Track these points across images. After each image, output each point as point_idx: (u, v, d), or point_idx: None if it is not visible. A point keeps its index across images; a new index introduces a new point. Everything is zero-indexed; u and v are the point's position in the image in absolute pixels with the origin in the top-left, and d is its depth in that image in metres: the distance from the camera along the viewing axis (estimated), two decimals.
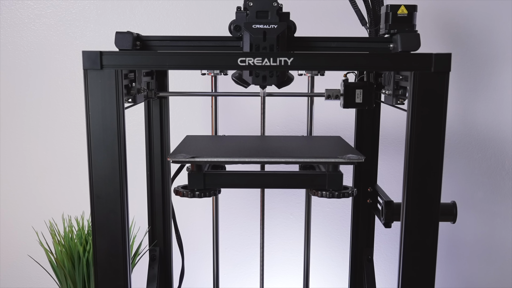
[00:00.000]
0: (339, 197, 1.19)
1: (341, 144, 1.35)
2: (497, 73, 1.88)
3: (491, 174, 1.94)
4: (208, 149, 1.26)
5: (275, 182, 1.22)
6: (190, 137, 1.47)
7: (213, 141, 1.39)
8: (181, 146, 1.31)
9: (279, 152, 1.23)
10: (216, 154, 1.18)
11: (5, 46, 1.85)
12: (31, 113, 1.89)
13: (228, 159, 1.16)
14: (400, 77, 1.29)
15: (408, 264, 1.11)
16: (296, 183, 1.22)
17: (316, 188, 1.20)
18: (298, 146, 1.33)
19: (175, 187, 1.22)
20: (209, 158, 1.15)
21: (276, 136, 1.49)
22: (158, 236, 1.59)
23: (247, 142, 1.37)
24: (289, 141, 1.40)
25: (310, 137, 1.52)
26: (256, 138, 1.44)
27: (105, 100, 1.06)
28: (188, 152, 1.19)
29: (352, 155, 1.17)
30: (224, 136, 1.49)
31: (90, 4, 1.83)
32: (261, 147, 1.32)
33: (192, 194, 1.17)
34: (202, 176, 1.17)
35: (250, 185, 1.24)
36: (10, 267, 1.98)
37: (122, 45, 1.25)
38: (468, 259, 2.00)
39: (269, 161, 1.17)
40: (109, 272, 1.10)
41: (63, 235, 1.49)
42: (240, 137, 1.48)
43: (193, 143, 1.36)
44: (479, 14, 1.85)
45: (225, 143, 1.36)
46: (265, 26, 1.22)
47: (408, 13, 1.26)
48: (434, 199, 1.09)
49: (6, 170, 1.92)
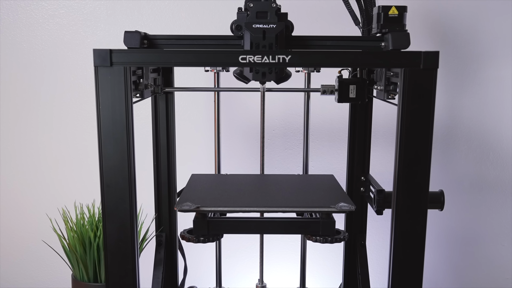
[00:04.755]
0: (331, 243, 1.21)
1: (334, 187, 1.36)
2: (482, 70, 1.88)
3: (476, 164, 1.94)
4: (211, 195, 1.27)
5: (273, 228, 1.24)
6: (195, 176, 1.48)
7: (216, 182, 1.41)
8: (187, 190, 1.32)
9: (277, 199, 1.25)
10: (219, 202, 1.20)
11: (21, 44, 1.85)
12: (45, 107, 1.89)
13: (230, 208, 1.18)
14: (391, 73, 1.29)
15: (399, 248, 1.11)
16: (293, 230, 1.24)
17: (310, 234, 1.22)
18: (294, 189, 1.35)
19: (182, 232, 1.24)
20: (212, 208, 1.17)
21: (274, 175, 1.51)
22: (164, 222, 1.59)
23: (248, 185, 1.38)
24: (286, 182, 1.41)
25: (305, 176, 1.52)
26: (256, 179, 1.46)
27: (114, 95, 1.06)
28: (193, 199, 1.20)
29: (344, 204, 1.18)
30: (227, 176, 1.50)
31: (100, 5, 1.83)
32: (261, 191, 1.34)
33: (197, 240, 1.19)
34: (206, 223, 1.19)
35: (250, 231, 1.26)
36: (26, 252, 1.99)
37: (131, 43, 1.25)
38: (455, 244, 2.00)
39: (268, 210, 1.19)
40: (118, 256, 1.10)
41: (75, 222, 1.50)
42: (241, 176, 1.49)
43: (198, 185, 1.37)
44: (465, 15, 1.85)
45: (227, 186, 1.37)
46: (265, 26, 1.22)
47: (399, 14, 1.26)
48: (423, 188, 1.10)
49: (22, 161, 1.92)
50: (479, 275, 2.03)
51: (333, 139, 1.92)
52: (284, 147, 1.93)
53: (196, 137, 1.91)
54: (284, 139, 1.92)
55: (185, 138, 1.88)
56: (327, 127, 1.91)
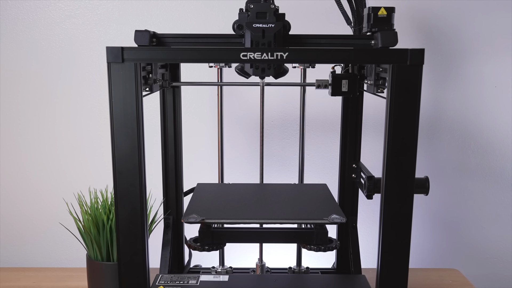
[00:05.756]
0: (324, 251, 1.23)
1: (327, 198, 1.37)
2: (464, 66, 1.88)
3: (459, 153, 1.94)
4: (215, 207, 1.28)
5: (272, 238, 1.25)
6: (200, 186, 1.49)
7: (219, 193, 1.41)
8: (193, 201, 1.33)
9: (275, 211, 1.26)
10: (222, 214, 1.21)
11: (40, 42, 1.85)
12: (62, 100, 1.89)
13: (232, 221, 1.19)
14: (380, 69, 1.28)
15: (387, 230, 1.11)
16: (289, 239, 1.25)
17: (306, 243, 1.23)
18: (290, 200, 1.36)
19: (188, 241, 1.25)
20: (215, 220, 1.18)
21: (272, 185, 1.51)
22: (171, 206, 1.59)
23: (248, 196, 1.39)
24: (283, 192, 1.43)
25: (301, 186, 1.53)
26: (256, 188, 1.47)
27: (126, 89, 1.05)
28: (199, 211, 1.21)
29: (336, 216, 1.18)
30: (229, 185, 1.51)
31: (112, 6, 1.83)
32: (260, 202, 1.35)
33: (202, 248, 1.22)
34: (211, 234, 1.20)
35: (251, 240, 1.27)
36: (44, 233, 1.99)
37: (141, 41, 1.24)
38: (439, 226, 2.00)
39: (267, 222, 1.20)
40: (129, 237, 1.10)
41: (90, 206, 1.50)
42: (242, 186, 1.49)
43: (203, 196, 1.38)
44: (449, 15, 1.84)
45: (230, 196, 1.38)
46: (264, 25, 1.22)
47: (387, 14, 1.26)
48: (409, 174, 1.10)
49: (40, 150, 1.92)
50: (461, 255, 2.03)
51: (327, 129, 1.91)
52: (282, 136, 1.93)
53: (200, 128, 1.91)
54: (281, 129, 1.92)
55: (190, 128, 1.88)
56: (321, 119, 1.90)
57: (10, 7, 1.83)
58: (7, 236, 2.00)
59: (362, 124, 1.54)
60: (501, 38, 1.86)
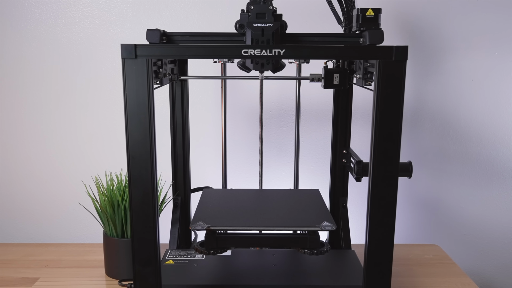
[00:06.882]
0: (317, 255, 1.22)
1: (319, 205, 1.37)
2: (443, 62, 1.87)
3: (439, 140, 1.95)
4: (219, 214, 1.29)
5: (270, 242, 1.25)
6: (206, 192, 1.49)
7: (223, 200, 1.42)
8: (199, 208, 1.33)
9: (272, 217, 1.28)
10: (225, 221, 1.23)
11: (61, 40, 1.85)
12: (81, 93, 1.89)
13: (235, 227, 1.21)
14: (368, 64, 1.28)
15: (374, 209, 1.11)
16: (285, 244, 1.25)
17: (300, 247, 1.23)
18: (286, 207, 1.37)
19: (195, 245, 1.25)
20: (220, 227, 1.20)
21: (270, 190, 1.52)
22: (179, 188, 1.59)
23: (249, 203, 1.40)
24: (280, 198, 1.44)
25: (295, 191, 1.53)
26: (256, 194, 1.47)
27: (138, 82, 1.05)
28: (205, 218, 1.22)
29: (327, 224, 1.20)
30: (232, 191, 1.51)
31: (127, 7, 1.82)
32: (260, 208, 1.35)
33: (208, 252, 1.22)
34: (215, 239, 1.21)
35: (251, 244, 1.27)
36: (65, 213, 2.00)
37: (152, 39, 1.24)
38: (421, 206, 2.01)
39: (265, 228, 1.22)
40: (142, 216, 1.10)
41: (106, 187, 1.50)
42: (244, 192, 1.50)
43: (208, 202, 1.39)
44: (430, 15, 1.84)
45: (233, 203, 1.38)
46: (263, 24, 1.21)
47: (375, 15, 1.26)
48: (394, 159, 1.10)
49: (62, 137, 1.93)
50: (442, 232, 2.04)
51: (320, 118, 1.91)
52: (279, 125, 1.93)
53: (206, 117, 1.91)
54: (279, 119, 1.92)
55: (197, 118, 1.88)
56: (315, 109, 1.90)
57: (34, 8, 1.83)
58: (31, 214, 2.01)
59: (352, 114, 1.54)
60: (477, 36, 1.86)
